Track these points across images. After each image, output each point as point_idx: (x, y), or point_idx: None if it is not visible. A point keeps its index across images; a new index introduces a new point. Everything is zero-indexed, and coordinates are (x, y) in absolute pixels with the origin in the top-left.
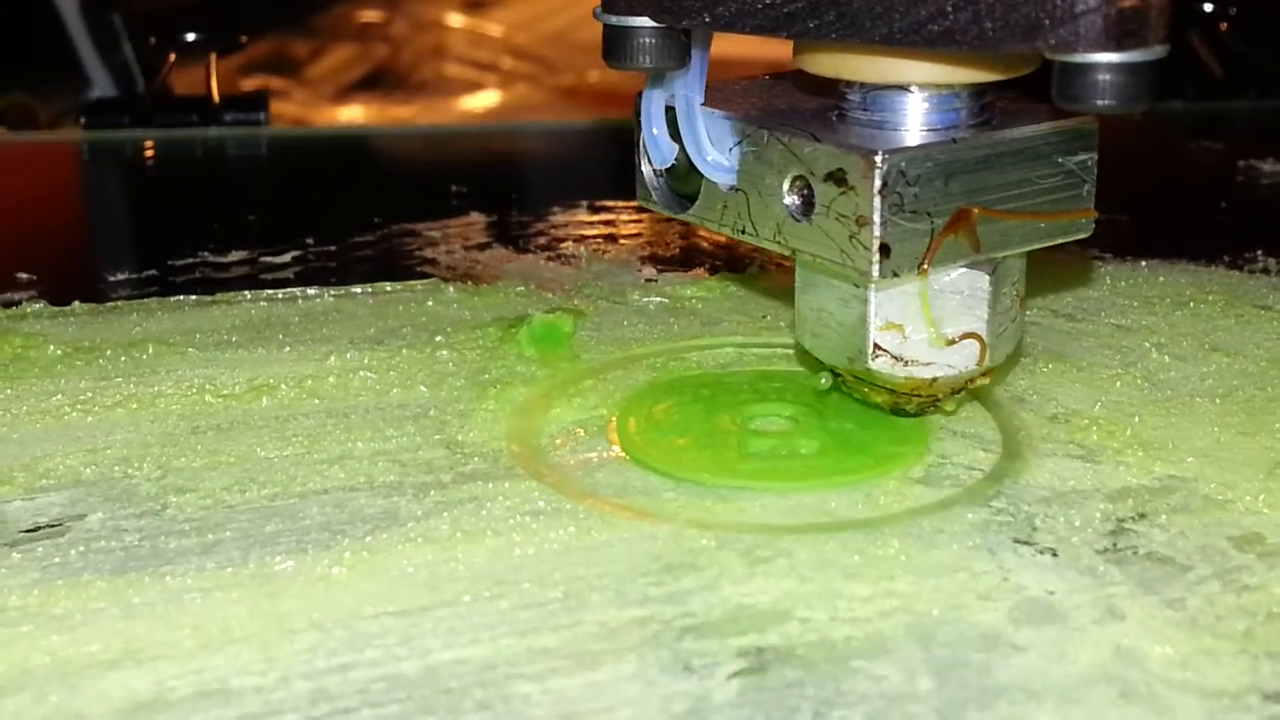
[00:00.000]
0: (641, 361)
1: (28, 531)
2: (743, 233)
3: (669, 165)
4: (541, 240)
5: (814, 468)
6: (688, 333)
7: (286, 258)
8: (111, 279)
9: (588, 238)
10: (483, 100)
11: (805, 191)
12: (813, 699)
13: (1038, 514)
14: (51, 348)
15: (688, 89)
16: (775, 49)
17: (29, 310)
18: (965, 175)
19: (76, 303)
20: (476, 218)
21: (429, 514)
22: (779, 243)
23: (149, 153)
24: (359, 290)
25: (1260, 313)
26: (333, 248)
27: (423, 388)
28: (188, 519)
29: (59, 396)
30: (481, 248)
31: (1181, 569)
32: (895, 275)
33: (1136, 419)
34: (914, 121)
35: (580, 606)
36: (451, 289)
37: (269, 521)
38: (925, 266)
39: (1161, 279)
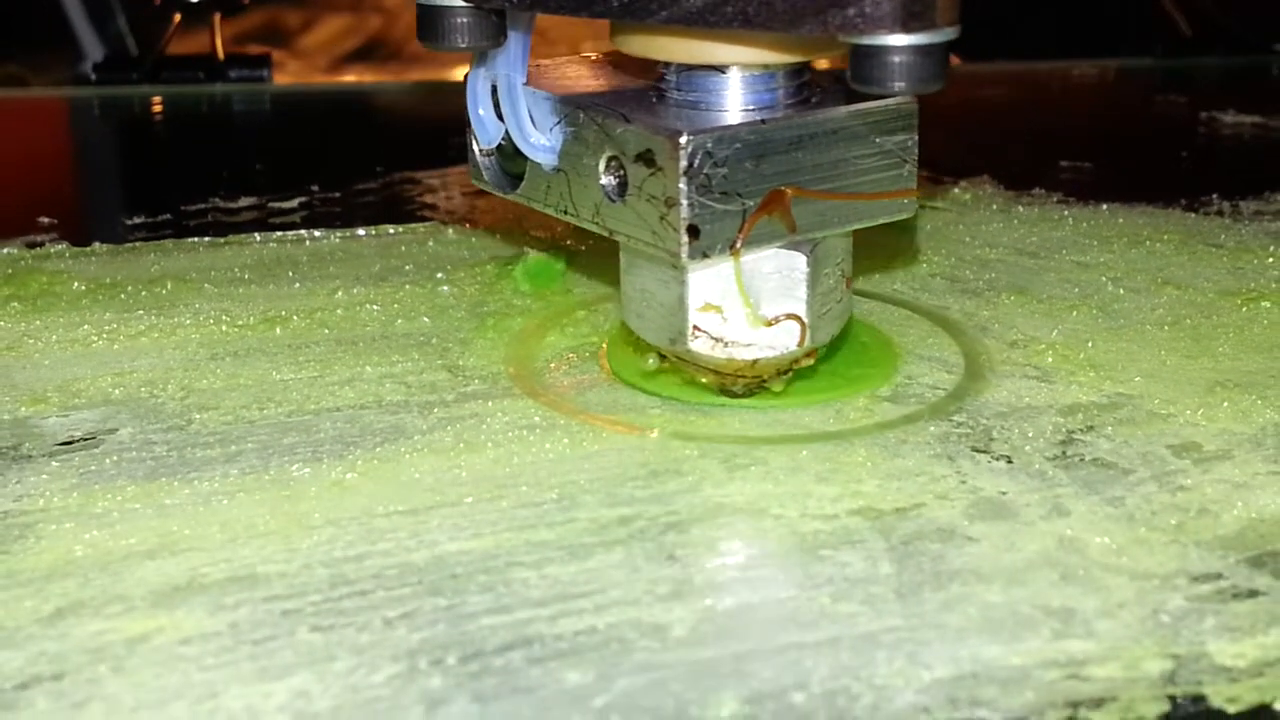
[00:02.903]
0: None
1: (63, 444)
2: (565, 213)
3: (496, 145)
4: None
5: (789, 388)
6: None
7: (293, 203)
8: (128, 223)
9: None
10: None
11: (620, 173)
12: (784, 581)
13: (995, 427)
14: (76, 284)
15: (509, 68)
16: None
17: (52, 251)
18: (777, 156)
19: (96, 244)
20: None
21: (433, 428)
22: (597, 224)
23: (157, 108)
24: (363, 232)
25: (1212, 250)
26: (337, 194)
27: (425, 319)
28: (211, 433)
29: (86, 327)
30: (479, 193)
31: (1124, 473)
32: (705, 256)
33: (1090, 345)
34: (731, 102)
35: (573, 506)
36: (451, 231)
37: (286, 435)
38: (738, 247)
39: (1121, 220)
